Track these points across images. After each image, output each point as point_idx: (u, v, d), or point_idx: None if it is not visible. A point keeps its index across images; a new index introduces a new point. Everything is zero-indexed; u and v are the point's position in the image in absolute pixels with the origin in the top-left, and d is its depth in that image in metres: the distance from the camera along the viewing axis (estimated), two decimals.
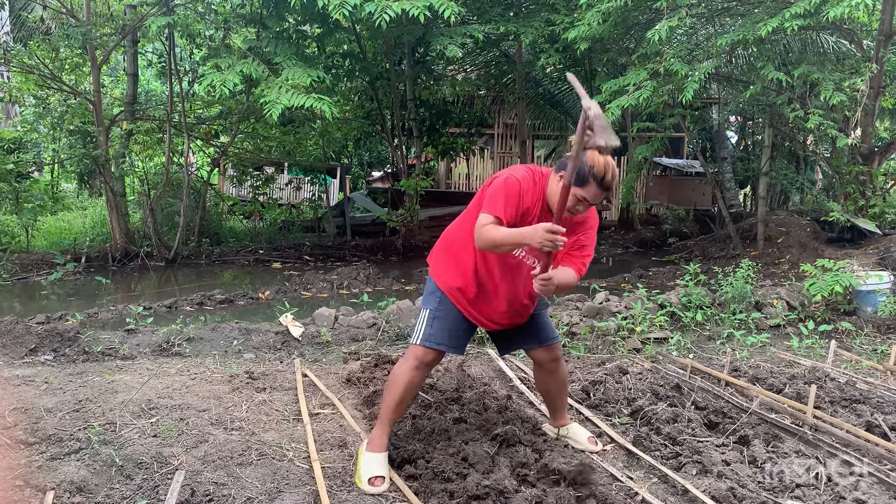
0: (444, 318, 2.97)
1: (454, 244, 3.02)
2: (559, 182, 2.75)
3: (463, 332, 3.05)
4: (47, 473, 2.86)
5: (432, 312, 2.99)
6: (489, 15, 10.55)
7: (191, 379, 4.26)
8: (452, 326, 2.98)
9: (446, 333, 2.97)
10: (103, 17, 10.93)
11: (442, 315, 2.98)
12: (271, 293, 7.92)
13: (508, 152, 18.97)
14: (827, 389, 3.99)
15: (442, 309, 2.98)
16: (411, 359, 2.96)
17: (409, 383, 2.95)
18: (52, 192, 13.75)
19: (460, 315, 3.00)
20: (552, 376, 3.29)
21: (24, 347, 4.80)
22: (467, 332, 3.09)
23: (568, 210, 2.77)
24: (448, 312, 2.98)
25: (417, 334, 2.98)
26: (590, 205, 2.82)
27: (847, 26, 8.90)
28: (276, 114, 7.76)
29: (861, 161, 8.93)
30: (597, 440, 3.36)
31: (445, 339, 2.97)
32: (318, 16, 9.80)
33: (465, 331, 3.06)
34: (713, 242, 11.76)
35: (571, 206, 2.76)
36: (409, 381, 2.95)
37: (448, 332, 2.97)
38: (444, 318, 2.97)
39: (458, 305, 2.99)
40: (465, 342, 3.11)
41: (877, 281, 6.05)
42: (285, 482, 2.92)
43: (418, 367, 2.95)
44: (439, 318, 2.97)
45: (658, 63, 8.02)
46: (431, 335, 2.95)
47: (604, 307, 5.89)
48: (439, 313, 2.98)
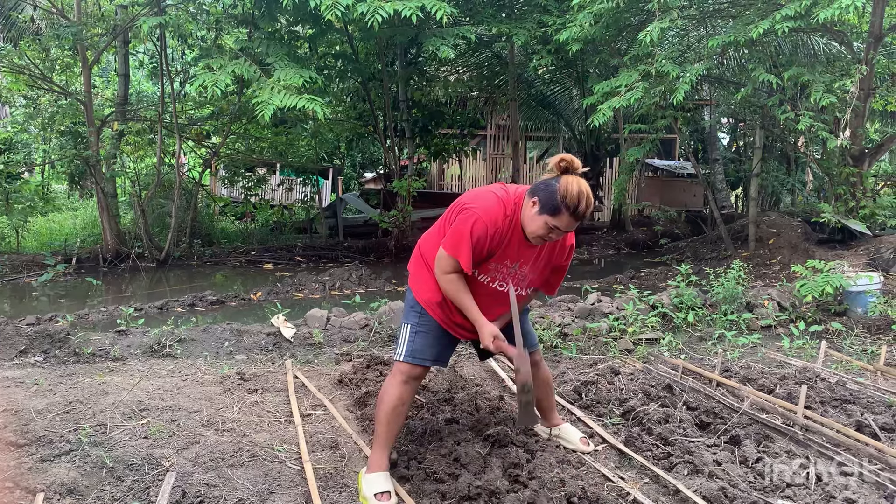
0: (426, 333, 2.94)
1: (431, 261, 2.96)
2: (533, 207, 2.71)
3: (446, 345, 3.03)
4: (37, 475, 2.84)
5: (413, 328, 2.94)
6: (481, 16, 10.57)
7: (182, 380, 4.24)
8: (434, 341, 2.95)
9: (429, 348, 2.94)
10: (94, 17, 10.90)
11: (424, 330, 2.94)
12: (263, 294, 7.91)
13: (501, 153, 18.99)
14: (817, 390, 4.01)
15: (423, 324, 2.95)
16: (398, 374, 2.93)
17: (398, 399, 2.91)
18: (43, 192, 13.70)
19: (441, 329, 2.97)
20: (534, 381, 3.28)
21: (14, 349, 4.77)
22: (451, 345, 3.07)
23: (542, 238, 2.75)
24: (429, 327, 2.94)
25: (401, 351, 2.95)
26: (563, 233, 2.76)
27: (837, 28, 8.96)
28: (269, 114, 7.74)
29: (851, 163, 8.99)
30: (588, 440, 3.36)
31: (429, 354, 2.94)
32: (311, 16, 9.80)
33: (447, 344, 3.04)
34: (705, 243, 11.81)
35: (544, 234, 2.72)
36: (398, 396, 2.91)
37: (430, 346, 2.94)
38: (427, 333, 2.94)
39: (439, 320, 2.95)
40: (448, 354, 3.10)
41: (867, 282, 6.08)
42: (277, 483, 2.91)
43: (406, 381, 2.92)
44: (421, 332, 2.94)
45: (650, 64, 8.05)
46: (414, 351, 2.92)
47: (595, 308, 5.90)
48: (421, 328, 2.94)
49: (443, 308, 2.93)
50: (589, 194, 2.65)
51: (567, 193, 2.62)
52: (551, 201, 2.65)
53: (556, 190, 2.64)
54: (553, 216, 2.66)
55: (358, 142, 16.61)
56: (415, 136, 13.61)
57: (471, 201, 2.79)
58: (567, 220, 2.67)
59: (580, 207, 2.64)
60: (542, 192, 2.69)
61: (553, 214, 2.66)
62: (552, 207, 2.65)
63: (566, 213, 2.65)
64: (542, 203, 2.68)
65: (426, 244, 3.01)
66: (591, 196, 2.66)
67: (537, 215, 2.70)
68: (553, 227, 2.69)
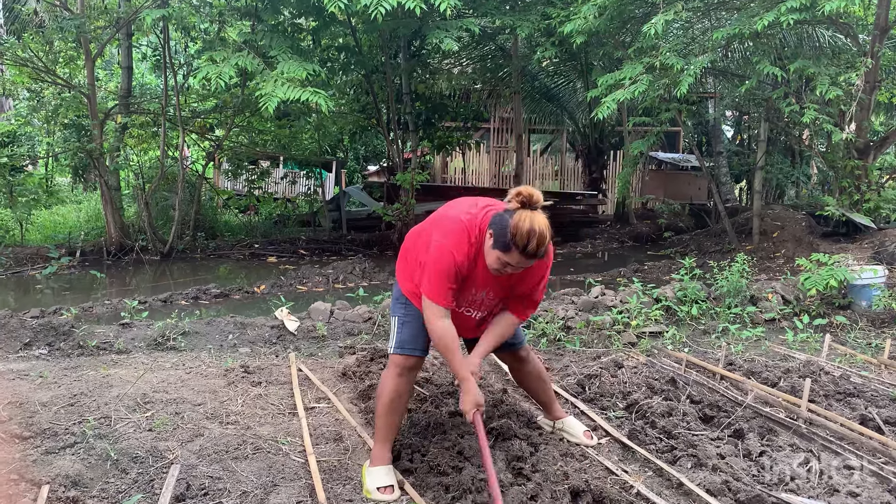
0: (411, 322, 2.94)
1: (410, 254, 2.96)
2: (489, 240, 2.65)
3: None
4: (42, 468, 2.85)
5: (400, 319, 2.96)
6: (485, 8, 10.52)
7: (186, 373, 4.25)
8: (421, 330, 2.93)
9: (417, 338, 2.94)
10: (97, 9, 10.90)
11: (410, 320, 2.95)
12: (267, 287, 7.91)
13: (504, 146, 18.96)
14: (821, 383, 4.00)
15: (409, 314, 2.95)
16: (392, 367, 2.95)
17: (394, 392, 2.92)
18: (47, 185, 13.71)
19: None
20: (524, 375, 3.36)
21: (18, 342, 4.79)
22: None
23: (498, 271, 2.70)
24: (415, 317, 2.93)
25: (391, 343, 2.97)
26: (517, 268, 2.67)
27: (843, 20, 8.92)
28: (272, 107, 7.74)
29: (856, 155, 8.96)
30: (592, 434, 3.35)
31: (418, 344, 2.95)
32: (314, 9, 9.78)
33: None
34: (708, 237, 11.79)
35: (499, 268, 2.67)
36: (394, 388, 2.92)
37: (418, 336, 2.94)
38: (412, 322, 2.94)
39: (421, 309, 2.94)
40: None
41: (871, 275, 6.06)
42: (280, 476, 2.92)
43: (400, 373, 2.93)
44: (408, 323, 2.94)
45: (654, 57, 8.02)
46: (403, 341, 2.93)
47: (599, 301, 5.89)
48: (407, 318, 2.95)
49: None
50: (542, 232, 2.55)
51: (517, 232, 2.53)
52: (502, 237, 2.58)
53: (507, 226, 2.56)
54: (504, 252, 2.60)
55: (361, 135, 16.57)
56: (418, 128, 13.58)
57: (442, 237, 2.72)
58: (517, 257, 2.59)
59: (529, 246, 2.54)
60: (496, 227, 2.63)
61: (504, 251, 2.60)
62: (503, 244, 2.59)
63: (515, 251, 2.57)
64: (494, 238, 2.62)
65: (410, 239, 3.01)
66: (544, 233, 2.56)
67: (491, 249, 2.65)
68: (505, 262, 2.62)
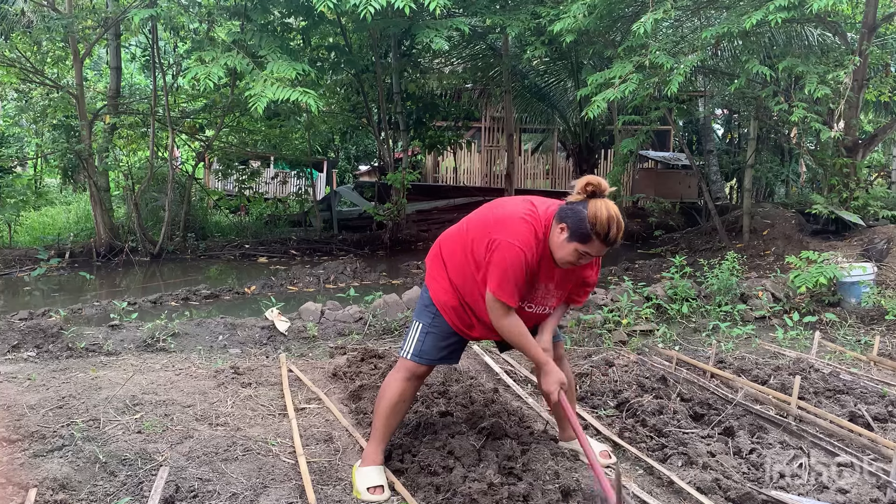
0: (437, 334, 2.86)
1: (453, 269, 2.84)
2: (561, 234, 2.62)
3: (455, 345, 2.95)
4: (30, 471, 2.83)
5: (425, 328, 2.86)
6: (475, 7, 10.52)
7: (175, 374, 4.23)
8: (445, 343, 2.87)
9: (438, 350, 2.87)
10: (85, 9, 10.82)
11: (436, 332, 2.86)
12: (257, 288, 7.88)
13: (496, 145, 18.95)
14: (811, 380, 4.02)
15: (436, 325, 2.87)
16: (402, 371, 2.88)
17: (399, 396, 2.86)
18: (35, 186, 13.66)
19: (452, 331, 2.89)
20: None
21: (6, 344, 4.75)
22: (460, 345, 2.99)
23: (572, 263, 2.67)
24: (442, 329, 2.87)
25: (409, 349, 2.87)
26: (594, 257, 2.69)
27: (831, 19, 8.95)
28: (262, 107, 7.71)
29: (845, 153, 9.00)
30: (610, 453, 3.17)
31: (437, 355, 2.88)
32: (303, 8, 9.75)
33: (457, 344, 2.95)
34: (699, 235, 11.83)
35: (574, 260, 2.64)
36: (399, 393, 2.86)
37: (440, 348, 2.87)
38: (438, 334, 2.86)
39: (451, 324, 2.87)
40: (458, 355, 3.02)
41: (860, 272, 6.10)
42: (270, 477, 2.90)
43: (409, 378, 2.87)
44: (433, 334, 2.86)
45: (644, 56, 8.03)
46: (423, 351, 2.85)
47: (590, 300, 5.90)
48: (433, 329, 2.86)
49: (458, 313, 2.85)
50: (619, 218, 2.56)
51: (597, 220, 2.52)
52: (581, 229, 2.56)
53: (584, 217, 2.55)
54: (583, 244, 2.58)
55: (352, 134, 16.57)
56: (409, 128, 13.57)
57: (510, 236, 2.64)
58: (598, 246, 2.58)
59: (611, 234, 2.54)
60: (571, 219, 2.59)
61: (583, 242, 2.57)
62: (582, 235, 2.56)
63: (597, 240, 2.56)
64: (570, 230, 2.59)
65: (448, 244, 2.90)
66: (621, 220, 2.57)
67: (566, 242, 2.61)
68: (583, 253, 2.61)
